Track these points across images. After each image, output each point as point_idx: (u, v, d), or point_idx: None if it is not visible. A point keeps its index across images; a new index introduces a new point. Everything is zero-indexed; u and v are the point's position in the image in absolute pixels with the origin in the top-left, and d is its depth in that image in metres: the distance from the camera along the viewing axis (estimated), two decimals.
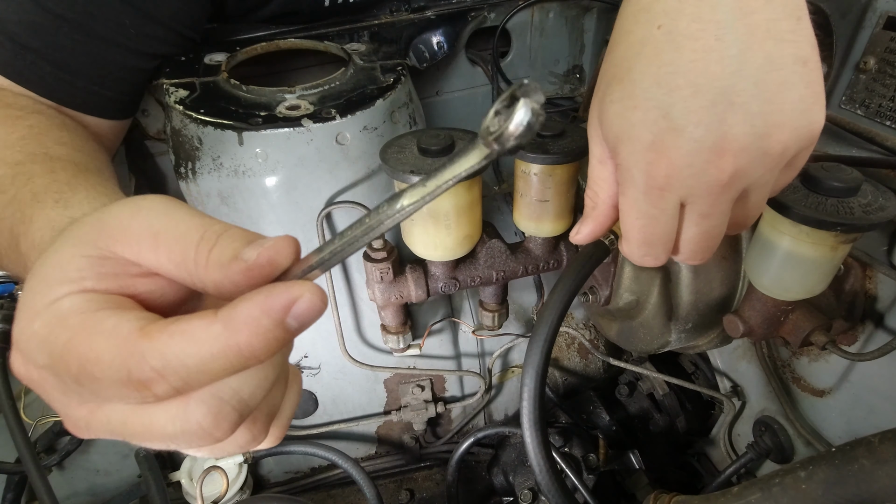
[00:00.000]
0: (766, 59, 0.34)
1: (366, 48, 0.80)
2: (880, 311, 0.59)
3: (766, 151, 0.35)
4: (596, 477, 0.77)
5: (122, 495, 0.78)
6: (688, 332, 0.63)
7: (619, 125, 0.38)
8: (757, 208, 0.41)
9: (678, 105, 0.35)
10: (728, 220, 0.40)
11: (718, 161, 0.35)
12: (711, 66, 0.34)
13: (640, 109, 0.36)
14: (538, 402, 0.52)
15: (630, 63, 0.37)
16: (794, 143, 0.36)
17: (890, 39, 0.61)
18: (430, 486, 0.90)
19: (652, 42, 0.36)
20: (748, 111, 0.34)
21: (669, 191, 0.37)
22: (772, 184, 0.39)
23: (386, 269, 0.66)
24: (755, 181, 0.37)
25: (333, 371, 0.82)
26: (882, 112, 0.62)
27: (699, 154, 0.35)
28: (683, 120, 0.35)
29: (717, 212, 0.39)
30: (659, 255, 0.43)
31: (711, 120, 0.34)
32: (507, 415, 0.94)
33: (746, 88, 0.34)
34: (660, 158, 0.36)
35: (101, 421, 0.27)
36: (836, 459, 0.40)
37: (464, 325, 0.84)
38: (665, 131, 0.35)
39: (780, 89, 0.35)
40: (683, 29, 0.35)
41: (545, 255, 0.70)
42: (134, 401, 0.26)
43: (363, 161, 0.69)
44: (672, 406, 0.87)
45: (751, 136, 0.35)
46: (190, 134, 0.67)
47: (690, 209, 0.39)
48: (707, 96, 0.34)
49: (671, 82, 0.35)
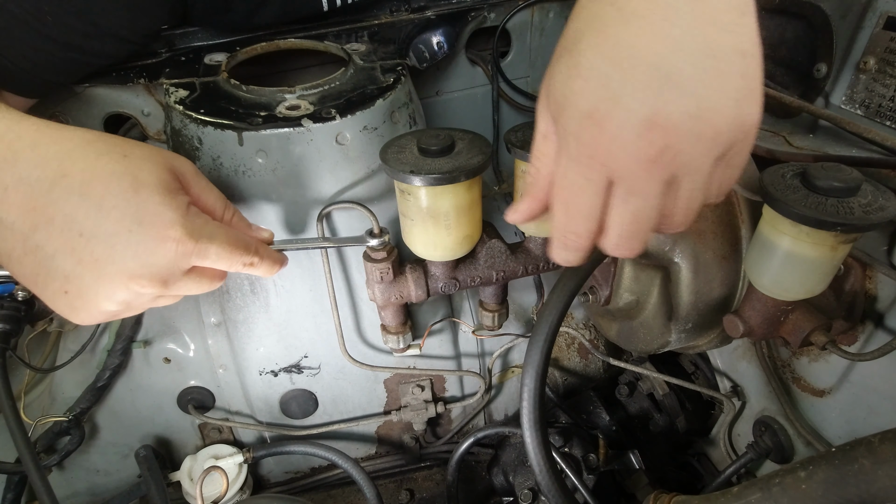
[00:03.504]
0: (706, 44, 0.35)
1: (366, 48, 0.80)
2: (880, 311, 0.59)
3: (698, 134, 0.36)
4: (596, 477, 0.76)
5: (122, 495, 0.78)
6: (688, 332, 0.63)
7: (561, 93, 0.39)
8: (688, 201, 0.40)
9: (617, 77, 0.36)
10: (657, 207, 0.39)
11: (648, 134, 0.36)
12: (654, 44, 0.35)
13: (583, 78, 0.37)
14: (538, 402, 0.52)
15: (579, 36, 0.38)
16: (727, 132, 0.37)
17: (890, 39, 0.61)
18: (430, 486, 0.90)
19: (602, 17, 0.37)
20: (684, 91, 0.35)
21: (598, 160, 0.38)
22: (704, 176, 0.39)
23: (386, 269, 0.66)
24: (685, 166, 0.37)
25: (333, 371, 0.82)
26: (882, 112, 0.62)
27: (631, 126, 0.36)
28: (621, 91, 0.36)
29: (645, 192, 0.38)
30: (580, 235, 0.42)
31: (647, 94, 0.35)
32: (507, 415, 0.94)
33: (684, 69, 0.35)
34: (594, 126, 0.37)
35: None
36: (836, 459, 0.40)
37: (464, 325, 0.84)
38: (602, 100, 0.36)
39: (716, 76, 0.35)
40: (634, 7, 0.36)
41: (545, 255, 0.70)
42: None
43: (363, 161, 0.69)
44: (672, 406, 0.87)
45: (684, 115, 0.35)
46: (190, 134, 0.67)
47: (618, 185, 0.39)
48: (646, 71, 0.35)
49: (614, 55, 0.36)
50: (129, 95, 0.80)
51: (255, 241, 0.53)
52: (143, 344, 0.78)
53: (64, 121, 0.79)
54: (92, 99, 0.79)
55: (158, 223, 0.44)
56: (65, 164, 0.43)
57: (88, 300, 0.45)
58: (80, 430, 0.77)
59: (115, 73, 0.75)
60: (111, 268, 0.44)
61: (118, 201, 0.43)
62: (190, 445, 0.86)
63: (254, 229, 0.57)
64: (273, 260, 0.55)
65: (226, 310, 0.77)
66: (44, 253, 0.43)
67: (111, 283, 0.44)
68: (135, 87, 0.80)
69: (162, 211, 0.45)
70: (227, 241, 0.49)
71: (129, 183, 0.44)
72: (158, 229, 0.44)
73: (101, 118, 0.81)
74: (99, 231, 0.43)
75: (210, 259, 0.48)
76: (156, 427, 0.83)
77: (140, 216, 0.44)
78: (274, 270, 0.56)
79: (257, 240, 0.55)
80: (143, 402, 0.81)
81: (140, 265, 0.44)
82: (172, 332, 0.79)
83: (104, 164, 0.44)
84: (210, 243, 0.48)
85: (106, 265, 0.43)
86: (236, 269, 0.52)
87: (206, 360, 0.79)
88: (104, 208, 0.43)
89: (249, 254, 0.52)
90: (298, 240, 0.60)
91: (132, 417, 0.82)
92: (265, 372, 0.80)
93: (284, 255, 0.58)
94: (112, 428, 0.81)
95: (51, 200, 0.42)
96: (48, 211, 0.42)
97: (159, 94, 0.80)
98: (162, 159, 0.47)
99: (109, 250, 0.43)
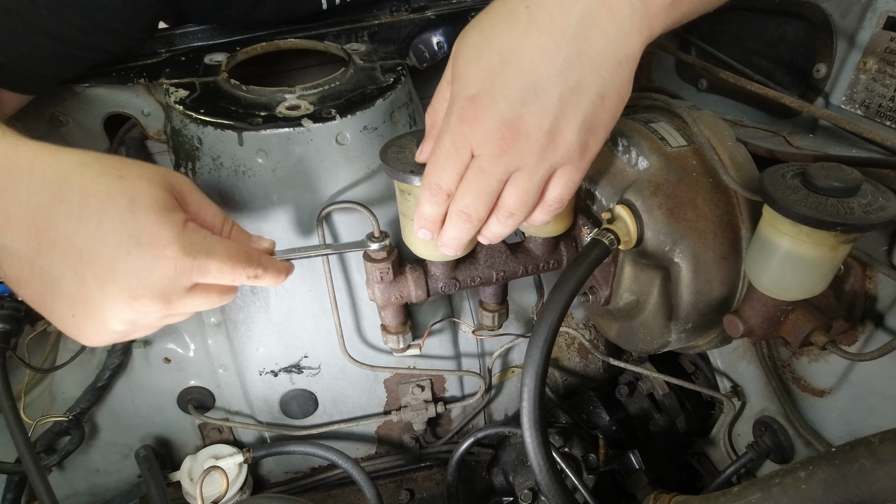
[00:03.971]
0: (576, 79, 0.42)
1: (366, 48, 0.80)
2: (880, 311, 0.59)
3: (543, 147, 0.43)
4: (596, 477, 0.76)
5: (122, 495, 0.78)
6: (688, 332, 0.63)
7: (464, 65, 0.44)
8: (521, 195, 0.47)
9: (502, 78, 0.42)
10: (495, 194, 0.47)
11: (506, 132, 0.43)
12: (540, 63, 0.42)
13: (480, 66, 0.43)
14: (538, 402, 0.52)
15: (493, 22, 0.44)
16: (566, 153, 0.45)
17: (890, 39, 0.61)
18: (430, 486, 0.90)
19: (513, 17, 0.43)
20: (545, 111, 0.42)
21: (466, 135, 0.44)
22: (536, 180, 0.46)
23: (386, 269, 0.66)
24: (524, 167, 0.45)
25: (333, 371, 0.82)
26: (882, 112, 0.62)
27: (495, 120, 0.43)
28: (500, 91, 0.42)
29: (489, 173, 0.45)
30: (441, 189, 0.48)
31: (516, 102, 0.42)
32: (507, 415, 0.94)
33: (552, 93, 0.42)
34: (473, 108, 0.43)
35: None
36: (836, 459, 0.40)
37: (464, 325, 0.84)
38: (485, 91, 0.43)
39: (573, 108, 0.43)
40: (539, 21, 0.42)
41: (545, 255, 0.70)
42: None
43: (363, 161, 0.69)
44: (672, 406, 0.86)
45: (538, 129, 0.43)
46: (190, 134, 0.67)
47: (475, 160, 0.46)
48: (524, 83, 0.42)
49: (509, 58, 0.42)
50: (129, 95, 0.80)
51: (257, 253, 0.53)
52: (143, 344, 0.78)
53: (64, 121, 0.79)
54: (92, 99, 0.79)
55: (156, 242, 0.44)
56: (62, 187, 0.43)
57: (96, 321, 0.46)
58: (80, 430, 0.77)
59: (115, 73, 0.75)
60: (114, 288, 0.44)
61: (115, 223, 0.44)
62: (190, 445, 0.86)
63: (255, 240, 0.56)
64: (277, 270, 0.55)
65: (226, 310, 0.77)
66: (50, 276, 0.44)
67: (116, 304, 0.45)
68: (135, 87, 0.79)
69: (158, 230, 0.45)
70: (227, 256, 0.49)
71: (126, 204, 0.44)
72: (156, 248, 0.44)
73: (101, 118, 0.81)
74: (98, 253, 0.43)
75: (211, 274, 0.48)
76: (156, 427, 0.83)
77: (137, 236, 0.44)
78: (279, 280, 0.55)
79: (259, 251, 0.54)
80: (143, 402, 0.81)
81: (141, 285, 0.44)
82: (172, 332, 0.79)
83: (101, 185, 0.44)
84: (209, 259, 0.47)
85: (108, 286, 0.44)
86: (241, 282, 0.51)
87: (206, 360, 0.79)
88: (102, 230, 0.43)
89: (252, 266, 0.51)
90: (300, 248, 0.59)
91: (132, 417, 0.82)
92: (265, 372, 0.80)
93: (290, 262, 0.57)
94: (112, 428, 0.81)
95: (52, 225, 0.43)
96: (50, 234, 0.43)
97: (159, 94, 0.80)
98: (159, 177, 0.47)
99: (110, 272, 0.44)
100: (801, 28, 0.71)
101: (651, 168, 0.59)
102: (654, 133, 0.62)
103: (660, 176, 0.58)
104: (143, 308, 0.46)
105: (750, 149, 0.60)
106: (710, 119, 0.61)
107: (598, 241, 0.56)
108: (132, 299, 0.45)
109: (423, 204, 0.49)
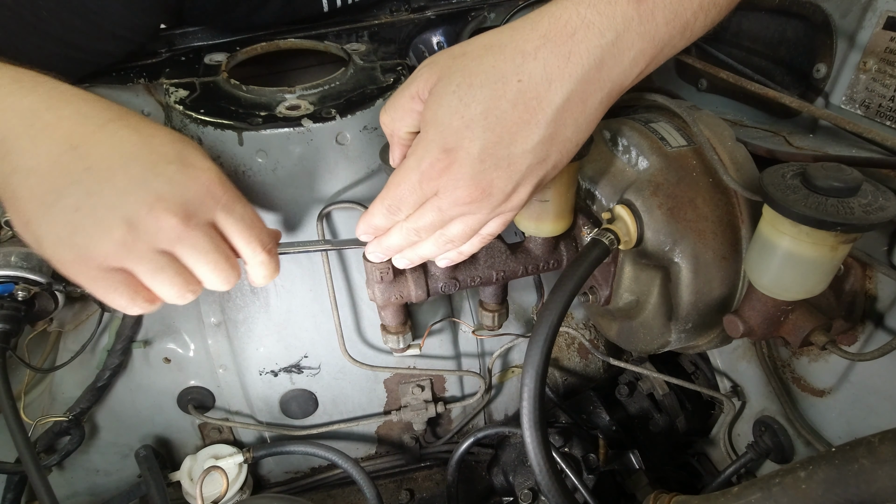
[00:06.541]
0: (544, 158, 0.46)
1: (366, 48, 0.80)
2: (880, 311, 0.59)
3: (479, 203, 0.47)
4: (596, 477, 0.76)
5: (122, 495, 0.78)
6: (688, 332, 0.63)
7: (444, 115, 0.45)
8: (463, 230, 0.50)
9: (481, 143, 0.44)
10: (446, 225, 0.50)
11: (474, 191, 0.46)
12: (519, 136, 0.44)
13: (462, 122, 0.44)
14: (538, 402, 0.52)
15: (482, 81, 0.44)
16: (511, 210, 0.50)
17: (890, 39, 0.61)
18: (430, 486, 0.90)
19: (503, 85, 0.44)
20: (511, 177, 0.46)
21: (434, 180, 0.46)
22: (483, 221, 0.50)
23: (386, 269, 0.66)
24: (478, 214, 0.49)
25: (333, 371, 0.82)
26: (882, 112, 0.62)
27: (466, 180, 0.45)
28: (478, 153, 0.44)
29: (450, 214, 0.48)
30: (395, 216, 0.50)
31: (490, 166, 0.45)
32: (507, 415, 0.94)
33: (521, 165, 0.45)
34: (446, 158, 0.45)
35: None
36: (836, 459, 0.40)
37: (464, 325, 0.84)
38: (462, 150, 0.44)
39: (532, 178, 0.47)
40: (528, 98, 0.43)
41: (545, 255, 0.70)
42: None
43: (363, 161, 0.69)
44: (672, 406, 0.86)
45: (502, 193, 0.47)
46: (190, 134, 0.67)
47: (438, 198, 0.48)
48: (503, 152, 0.44)
49: (493, 126, 0.44)
50: (129, 95, 0.80)
51: (270, 233, 0.54)
52: (143, 344, 0.78)
53: None
54: None
55: (197, 164, 0.49)
56: (122, 112, 0.49)
57: (97, 217, 0.44)
58: (80, 430, 0.77)
59: (115, 73, 0.75)
60: (141, 190, 0.45)
61: (164, 140, 0.49)
62: (190, 445, 0.86)
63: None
64: (277, 264, 0.56)
65: (226, 310, 0.77)
66: (76, 170, 0.45)
67: (135, 202, 0.45)
68: (135, 87, 0.79)
69: (202, 160, 0.50)
70: (252, 214, 0.52)
71: (177, 136, 0.50)
72: (196, 169, 0.48)
73: None
74: (141, 158, 0.46)
75: (234, 217, 0.50)
76: (156, 427, 0.83)
77: (181, 155, 0.48)
78: (273, 276, 0.56)
79: (271, 234, 0.55)
80: (143, 402, 0.81)
81: (170, 191, 0.46)
82: (172, 332, 0.79)
83: (148, 122, 0.50)
84: (237, 203, 0.51)
85: (138, 187, 0.45)
86: (249, 252, 0.52)
87: (206, 360, 0.79)
88: (153, 143, 0.48)
89: (263, 239, 0.53)
90: (299, 243, 0.60)
91: (132, 417, 0.82)
92: (265, 372, 0.80)
93: (279, 263, 0.58)
94: (112, 428, 0.81)
95: (104, 133, 0.46)
96: (97, 136, 0.46)
97: (159, 94, 0.80)
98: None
99: (147, 172, 0.46)
100: (801, 28, 0.71)
101: (651, 168, 0.59)
102: (654, 133, 0.62)
103: (660, 176, 0.58)
104: (157, 221, 0.45)
105: (750, 149, 0.60)
106: (710, 119, 0.61)
107: (598, 241, 0.56)
108: (157, 200, 0.45)
109: (376, 216, 0.51)
